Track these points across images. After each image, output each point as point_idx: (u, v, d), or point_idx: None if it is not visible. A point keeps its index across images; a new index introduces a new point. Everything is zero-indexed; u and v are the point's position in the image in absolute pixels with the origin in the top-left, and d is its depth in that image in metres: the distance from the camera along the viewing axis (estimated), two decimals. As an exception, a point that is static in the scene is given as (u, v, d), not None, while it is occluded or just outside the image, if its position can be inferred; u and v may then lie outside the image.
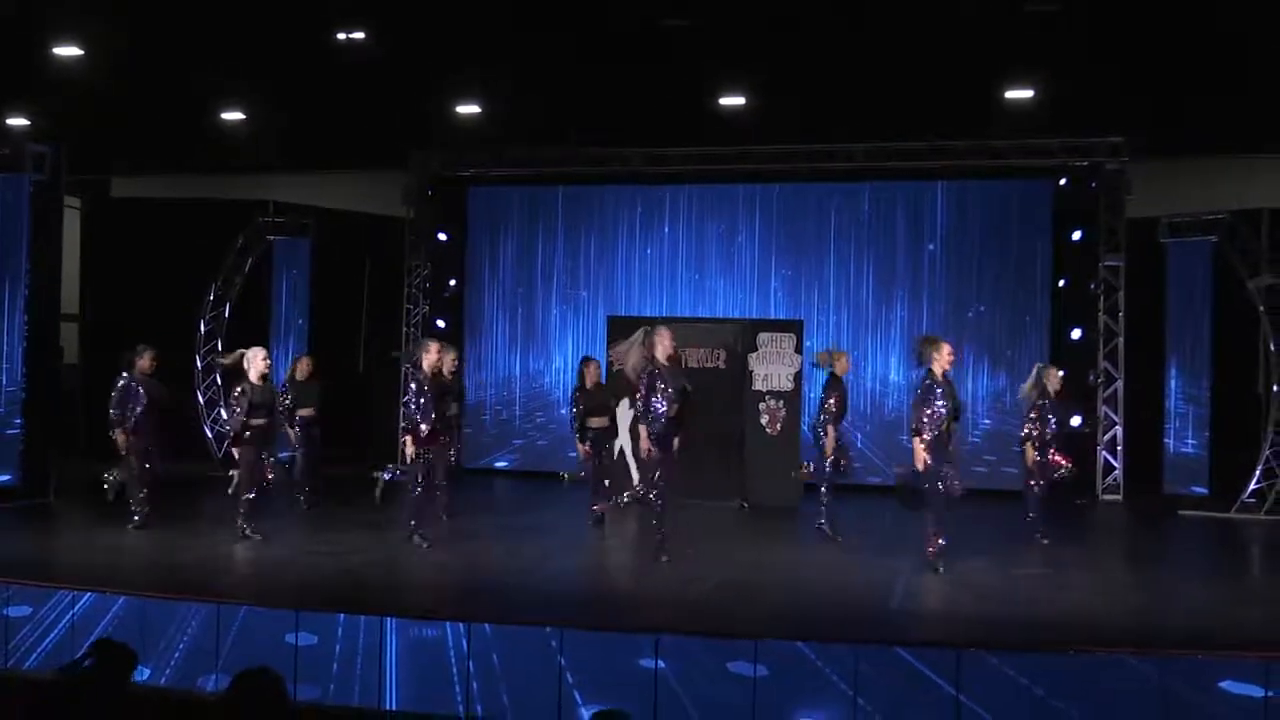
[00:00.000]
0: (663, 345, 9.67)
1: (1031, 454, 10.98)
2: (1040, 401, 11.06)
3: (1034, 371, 11.43)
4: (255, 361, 10.66)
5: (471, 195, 17.09)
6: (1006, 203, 15.59)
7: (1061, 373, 11.55)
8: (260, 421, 10.56)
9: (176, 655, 7.45)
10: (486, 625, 7.02)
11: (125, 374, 11.04)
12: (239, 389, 10.55)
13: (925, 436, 9.23)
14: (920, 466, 9.29)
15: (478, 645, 7.01)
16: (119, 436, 10.92)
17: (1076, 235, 15.27)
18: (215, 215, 16.90)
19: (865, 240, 15.83)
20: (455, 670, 7.00)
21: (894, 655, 6.62)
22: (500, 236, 16.95)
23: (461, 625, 7.03)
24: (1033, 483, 11.14)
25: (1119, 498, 14.84)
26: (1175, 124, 14.47)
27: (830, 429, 11.19)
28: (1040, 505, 11.15)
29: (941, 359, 9.43)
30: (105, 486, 12.11)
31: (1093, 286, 15.08)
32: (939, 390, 9.30)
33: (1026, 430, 11.09)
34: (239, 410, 10.46)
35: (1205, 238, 14.24)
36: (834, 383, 11.44)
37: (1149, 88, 13.29)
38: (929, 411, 9.24)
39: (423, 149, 16.42)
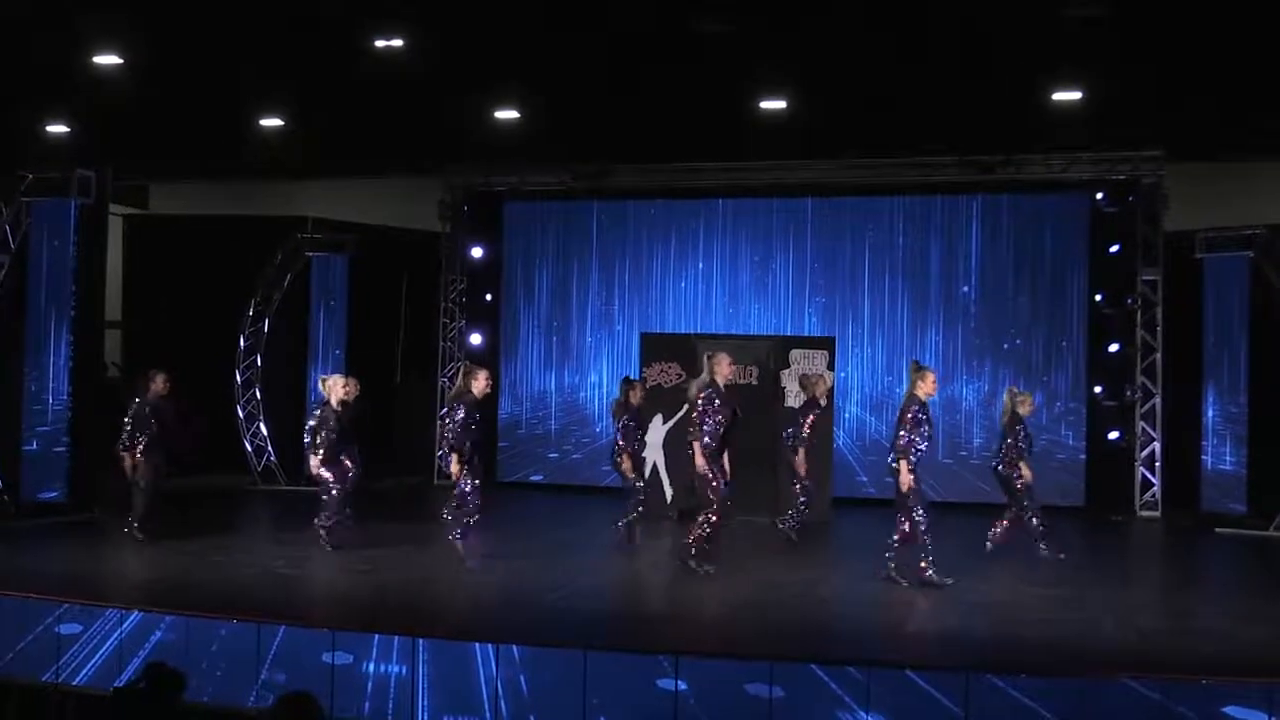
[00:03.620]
0: (721, 370, 10.31)
1: (1028, 473, 11.34)
2: (1017, 428, 11.41)
3: (1006, 397, 11.76)
4: (335, 389, 11.37)
5: (507, 210, 17.60)
6: (1043, 217, 15.91)
7: (1030, 395, 11.86)
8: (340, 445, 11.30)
9: (219, 672, 7.97)
10: (514, 648, 7.48)
11: (139, 399, 11.68)
12: (320, 415, 11.26)
13: (911, 460, 9.79)
14: (905, 488, 9.84)
15: (506, 664, 7.48)
16: (126, 459, 11.57)
17: (1114, 249, 15.52)
18: (255, 231, 17.50)
19: (900, 254, 16.21)
20: (485, 689, 7.47)
21: (905, 677, 7.01)
22: (535, 251, 17.45)
23: (490, 646, 7.50)
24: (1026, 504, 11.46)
25: (1157, 514, 15.11)
26: (1213, 136, 14.76)
27: (802, 451, 12.12)
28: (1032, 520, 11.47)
29: (925, 386, 9.96)
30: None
31: (1130, 301, 15.33)
32: (922, 416, 9.85)
33: (1016, 454, 11.40)
34: (326, 435, 11.16)
35: (1242, 253, 14.43)
36: (812, 406, 12.30)
37: (1186, 101, 13.55)
38: (916, 436, 9.80)
39: (458, 163, 16.96)
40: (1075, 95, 13.63)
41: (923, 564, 9.92)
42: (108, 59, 13.35)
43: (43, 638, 8.43)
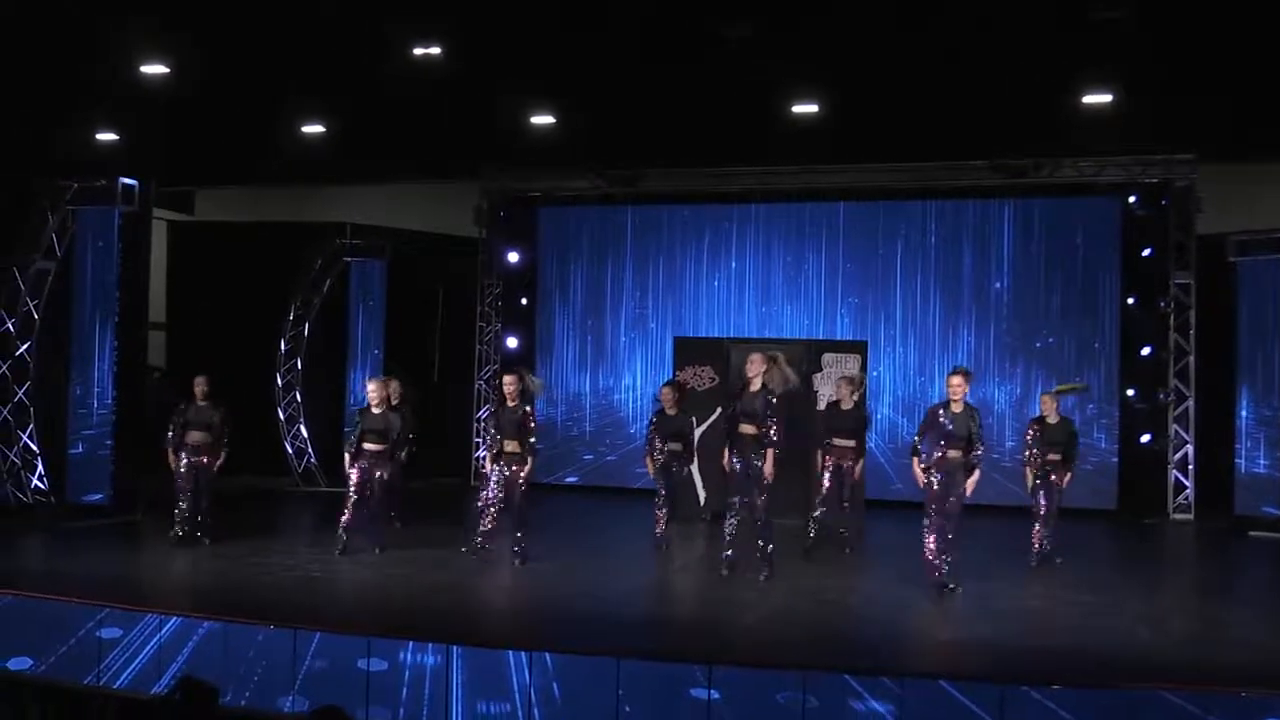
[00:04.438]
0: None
1: (1029, 478, 11.35)
2: (1034, 429, 11.45)
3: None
4: (371, 394, 11.43)
5: (542, 215, 17.53)
6: (1075, 220, 15.68)
7: (1054, 401, 11.76)
8: (371, 446, 11.16)
9: (256, 677, 7.91)
10: (547, 654, 7.37)
11: (184, 403, 11.69)
12: (356, 415, 11.35)
13: (921, 459, 9.90)
14: (921, 485, 9.90)
15: (539, 671, 7.38)
16: (170, 460, 11.58)
17: (1146, 252, 15.27)
18: (295, 237, 17.50)
19: (932, 258, 16.03)
20: (518, 696, 7.37)
21: (939, 688, 6.85)
22: (570, 255, 17.38)
23: (524, 654, 7.40)
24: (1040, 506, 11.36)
25: (1190, 517, 14.87)
26: (1247, 138, 14.46)
27: (818, 453, 12.11)
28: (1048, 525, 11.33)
29: (949, 390, 9.92)
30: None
31: (1163, 304, 15.08)
32: (941, 416, 9.83)
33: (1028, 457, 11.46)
34: (353, 434, 11.23)
35: (1276, 256, 14.15)
36: (831, 409, 12.39)
37: (1218, 103, 13.28)
38: (930, 435, 9.90)
39: (494, 169, 16.92)
40: (1106, 98, 13.39)
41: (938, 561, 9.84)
42: (154, 68, 13.38)
43: (85, 641, 8.41)
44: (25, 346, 13.21)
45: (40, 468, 13.13)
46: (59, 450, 13.03)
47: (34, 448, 13.15)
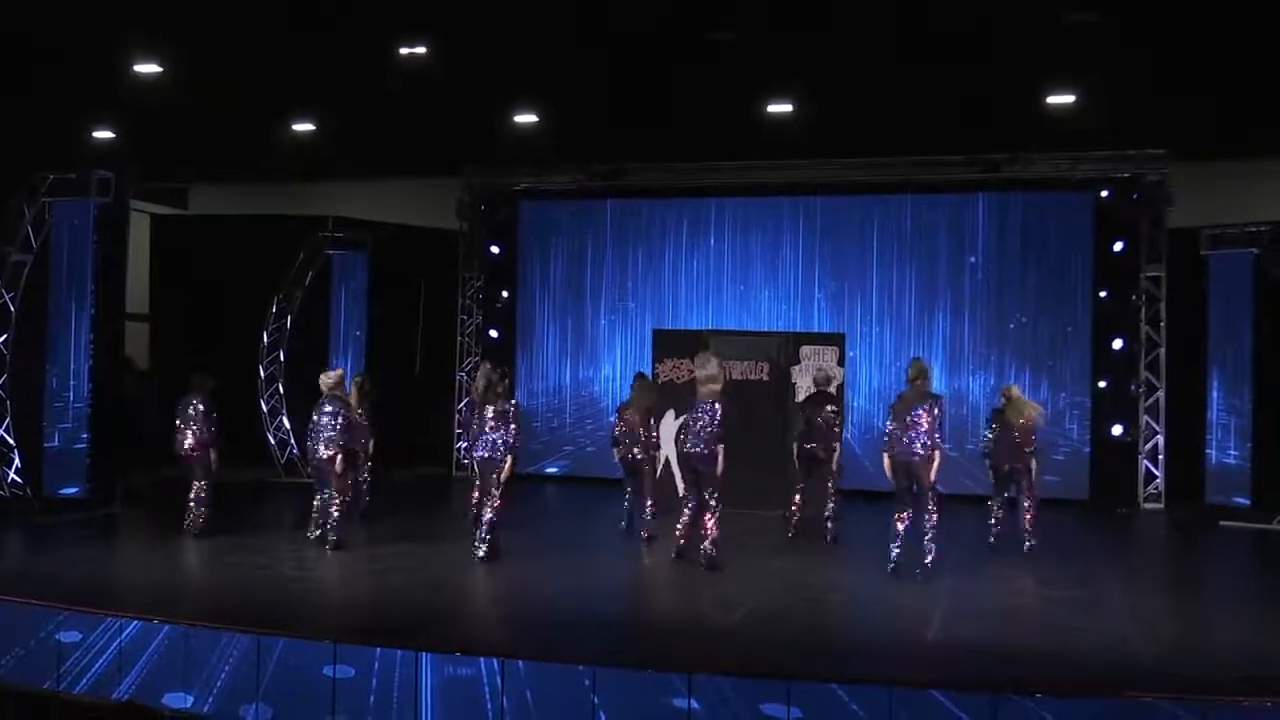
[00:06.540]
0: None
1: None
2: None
3: None
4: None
5: (523, 208, 16.86)
6: (1048, 214, 15.11)
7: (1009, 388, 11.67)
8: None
9: (218, 684, 7.24)
10: (520, 662, 6.72)
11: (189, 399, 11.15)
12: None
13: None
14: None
15: (513, 679, 6.73)
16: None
17: (1118, 246, 14.72)
18: (278, 230, 16.86)
19: (908, 253, 15.42)
20: (490, 705, 6.73)
21: (929, 697, 6.24)
22: (551, 248, 16.71)
23: (496, 661, 6.74)
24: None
25: (1160, 506, 14.35)
26: (1218, 134, 13.98)
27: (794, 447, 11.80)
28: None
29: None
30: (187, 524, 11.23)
31: (1134, 297, 14.56)
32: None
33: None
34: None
35: (1246, 250, 13.65)
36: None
37: (1191, 99, 12.76)
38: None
39: (476, 164, 16.28)
40: (1080, 95, 12.87)
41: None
42: (146, 66, 12.78)
43: (45, 643, 7.73)
44: (1, 340, 12.48)
45: (16, 461, 12.41)
46: (35, 443, 12.31)
47: (10, 441, 12.43)
